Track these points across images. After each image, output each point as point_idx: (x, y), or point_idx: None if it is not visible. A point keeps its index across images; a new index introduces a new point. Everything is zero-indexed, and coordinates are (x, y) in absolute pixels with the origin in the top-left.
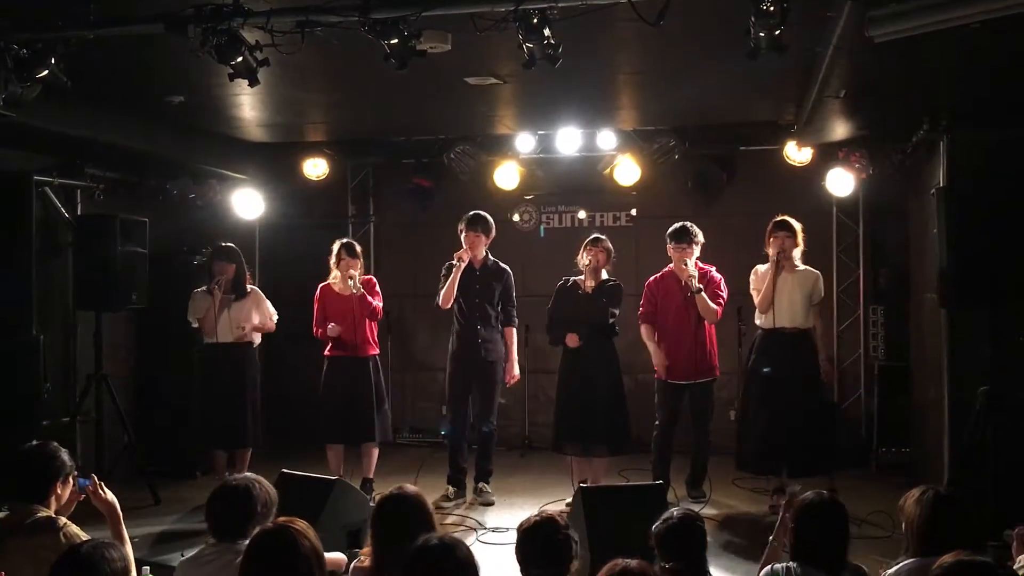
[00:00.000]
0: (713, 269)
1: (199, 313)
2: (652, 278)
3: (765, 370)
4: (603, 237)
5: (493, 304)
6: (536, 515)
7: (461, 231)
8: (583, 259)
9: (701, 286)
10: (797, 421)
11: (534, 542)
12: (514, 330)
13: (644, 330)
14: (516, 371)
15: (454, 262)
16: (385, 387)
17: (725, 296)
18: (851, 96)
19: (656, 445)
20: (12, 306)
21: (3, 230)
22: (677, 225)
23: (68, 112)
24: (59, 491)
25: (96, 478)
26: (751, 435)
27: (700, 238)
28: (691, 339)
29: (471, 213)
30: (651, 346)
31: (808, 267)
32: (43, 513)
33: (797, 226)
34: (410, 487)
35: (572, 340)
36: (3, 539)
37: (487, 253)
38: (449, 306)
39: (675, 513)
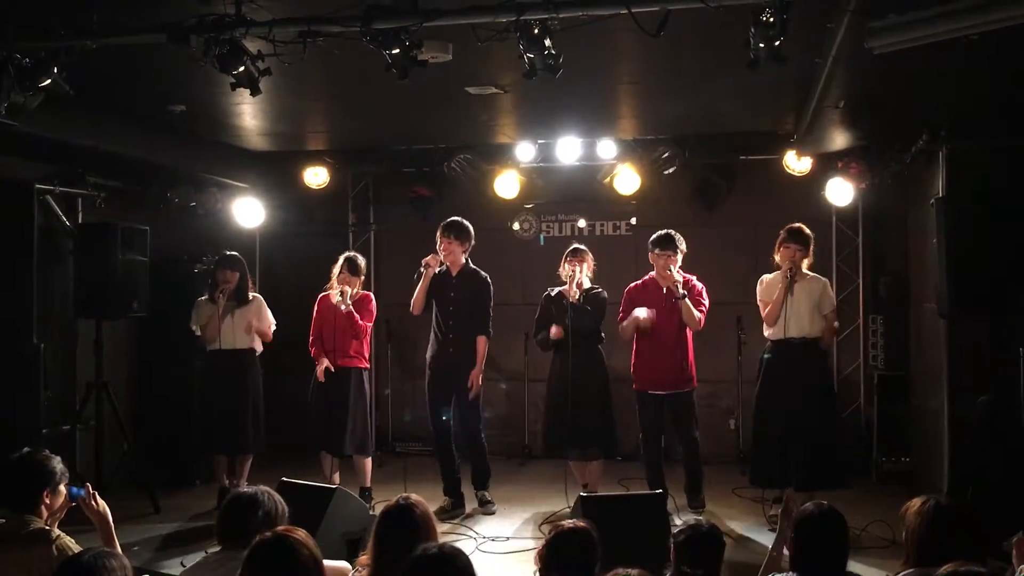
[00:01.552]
0: (695, 278)
1: (202, 321)
2: (632, 285)
3: (767, 356)
4: (583, 247)
5: (469, 312)
6: (570, 522)
7: (437, 236)
8: (565, 270)
9: (685, 292)
10: (808, 433)
11: (567, 549)
12: (484, 339)
13: (623, 328)
14: (479, 382)
15: (422, 268)
16: (369, 400)
17: (707, 304)
18: (850, 107)
19: (644, 456)
20: (13, 314)
21: (4, 238)
22: (661, 232)
23: (70, 121)
24: (48, 500)
25: (90, 487)
26: (765, 449)
27: (683, 246)
28: (670, 348)
29: (447, 219)
30: (635, 316)
31: (815, 275)
32: (36, 524)
33: (810, 236)
34: (415, 497)
35: (556, 332)
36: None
37: (467, 260)
38: (419, 313)
39: (704, 523)
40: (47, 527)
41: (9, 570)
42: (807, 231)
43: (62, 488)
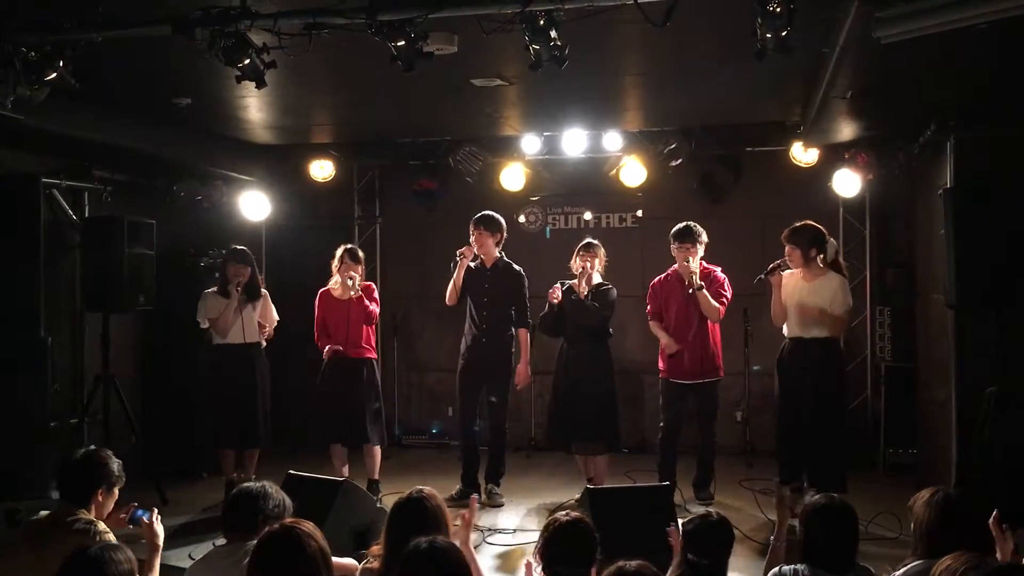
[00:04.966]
0: (718, 269)
1: (212, 314)
2: (656, 279)
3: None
4: (595, 242)
5: (503, 305)
6: (565, 515)
7: (470, 229)
8: (576, 264)
9: (702, 283)
10: (813, 433)
11: (565, 542)
12: (526, 332)
13: (653, 326)
14: (527, 374)
15: (457, 258)
16: (381, 390)
17: (729, 296)
18: (858, 97)
19: (661, 446)
20: (20, 307)
21: (11, 232)
22: (681, 225)
23: (76, 114)
24: (101, 498)
25: (156, 512)
26: (781, 445)
27: (704, 238)
28: (694, 339)
29: (480, 213)
30: (661, 335)
31: (832, 273)
32: (83, 517)
33: (804, 234)
34: (428, 490)
35: (552, 294)
36: (43, 537)
37: (501, 254)
38: (453, 303)
39: (714, 514)
40: (93, 520)
41: (53, 558)
42: (801, 229)
43: (116, 491)
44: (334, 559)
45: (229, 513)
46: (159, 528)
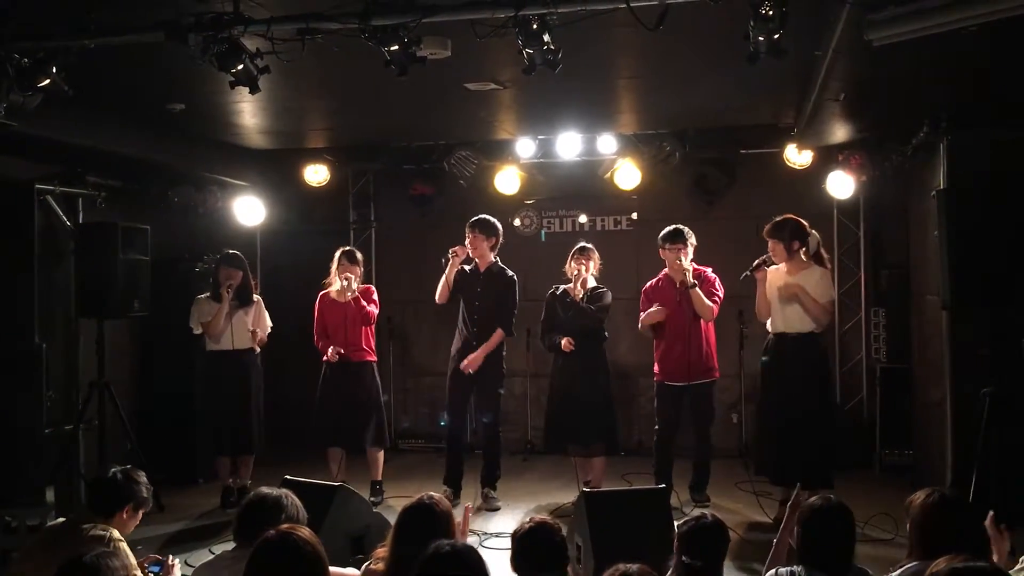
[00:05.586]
0: (709, 270)
1: (204, 318)
2: (648, 283)
3: (764, 358)
4: (590, 246)
5: (493, 309)
6: (528, 521)
7: (465, 232)
8: (571, 268)
9: (695, 281)
10: (801, 431)
11: (531, 548)
12: (502, 333)
13: (642, 327)
14: (476, 363)
15: (449, 255)
16: (382, 394)
17: (721, 295)
18: (850, 99)
19: (657, 448)
20: (15, 314)
21: (5, 239)
22: (670, 228)
23: (70, 121)
24: (126, 516)
25: (175, 562)
26: (766, 442)
27: (693, 240)
28: (687, 340)
29: (476, 216)
30: (649, 314)
31: (813, 267)
32: (102, 526)
33: (789, 227)
34: (437, 496)
35: (567, 345)
36: (56, 542)
37: (496, 259)
38: (443, 301)
39: (708, 515)
40: (108, 527)
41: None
42: (781, 223)
43: (140, 513)
44: (335, 569)
45: (242, 518)
46: (177, 571)
